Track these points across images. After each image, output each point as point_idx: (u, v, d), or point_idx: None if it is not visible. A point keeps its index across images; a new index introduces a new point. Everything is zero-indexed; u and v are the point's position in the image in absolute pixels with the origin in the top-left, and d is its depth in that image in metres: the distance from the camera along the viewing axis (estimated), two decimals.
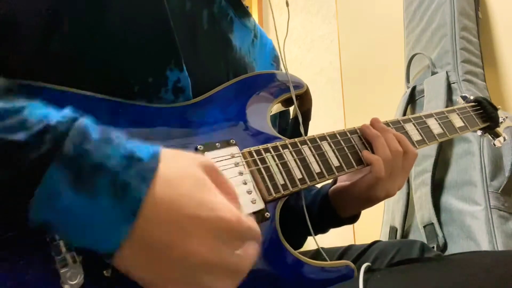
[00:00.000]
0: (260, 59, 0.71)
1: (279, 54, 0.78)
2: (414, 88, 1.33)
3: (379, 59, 1.65)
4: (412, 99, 1.33)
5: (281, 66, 0.78)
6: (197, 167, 0.35)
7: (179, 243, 0.31)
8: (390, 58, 1.58)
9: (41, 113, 0.31)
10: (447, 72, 1.19)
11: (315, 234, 0.66)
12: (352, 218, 0.65)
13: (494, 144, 0.83)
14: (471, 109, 0.79)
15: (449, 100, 1.16)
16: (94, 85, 0.44)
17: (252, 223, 0.35)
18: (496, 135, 0.83)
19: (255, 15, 2.39)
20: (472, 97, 0.83)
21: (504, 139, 0.83)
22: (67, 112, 0.32)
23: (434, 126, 0.69)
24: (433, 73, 1.24)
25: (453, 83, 1.18)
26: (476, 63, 1.20)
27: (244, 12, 0.67)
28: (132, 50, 0.47)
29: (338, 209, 0.64)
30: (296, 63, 2.12)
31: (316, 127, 0.76)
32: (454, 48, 1.20)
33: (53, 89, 0.41)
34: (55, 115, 0.31)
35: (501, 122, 0.82)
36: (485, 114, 0.80)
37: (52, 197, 0.29)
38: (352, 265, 0.49)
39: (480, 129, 0.81)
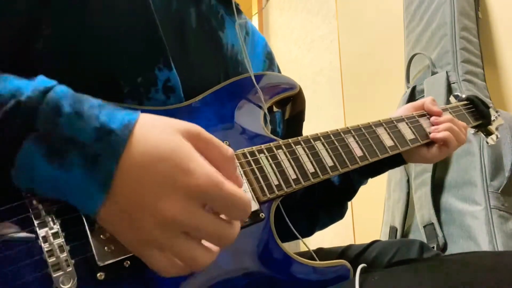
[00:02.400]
0: (253, 56, 0.71)
1: (271, 50, 0.78)
2: (414, 88, 1.33)
3: (379, 59, 1.65)
4: (412, 99, 1.33)
5: (275, 62, 0.78)
6: (177, 134, 0.34)
7: (151, 202, 0.32)
8: (390, 58, 1.58)
9: (13, 86, 0.32)
10: (447, 72, 1.19)
11: (372, 176, 0.71)
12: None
13: (487, 142, 0.84)
14: (463, 108, 0.79)
15: (449, 100, 1.16)
16: (83, 86, 0.43)
17: (238, 191, 0.34)
18: (489, 133, 0.83)
19: (255, 15, 2.39)
20: (464, 96, 0.83)
21: (497, 137, 0.83)
22: (39, 83, 0.33)
23: (426, 125, 0.70)
24: (433, 73, 1.24)
25: (453, 83, 1.18)
26: (476, 63, 1.20)
27: (235, 10, 0.66)
28: (118, 50, 0.47)
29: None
30: (296, 63, 2.12)
31: (316, 127, 0.76)
32: (454, 48, 1.20)
33: None
34: (27, 88, 0.32)
35: (493, 120, 0.82)
36: (477, 112, 0.80)
37: (29, 169, 0.31)
38: (347, 264, 0.49)
39: (473, 127, 0.81)
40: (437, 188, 1.13)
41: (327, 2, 1.98)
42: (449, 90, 1.17)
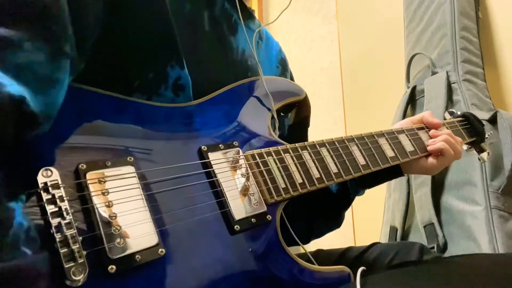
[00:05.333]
0: (266, 61, 0.72)
1: (285, 56, 0.79)
2: (414, 88, 1.33)
3: (379, 59, 1.65)
4: (412, 99, 1.33)
5: (288, 68, 0.79)
6: None
7: None
8: (390, 58, 1.58)
9: None
10: (447, 72, 1.19)
11: (369, 187, 0.70)
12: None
13: (479, 159, 0.86)
14: (458, 124, 0.81)
15: (449, 100, 1.16)
16: (95, 79, 0.45)
17: None
18: (482, 150, 0.85)
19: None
20: (459, 113, 0.86)
21: (488, 154, 0.85)
22: None
23: (425, 138, 0.72)
24: (433, 73, 1.24)
25: (453, 83, 1.18)
26: (476, 63, 1.20)
27: (248, 15, 0.67)
28: (135, 48, 0.48)
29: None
30: (296, 63, 2.12)
31: (316, 127, 0.76)
32: (454, 48, 1.20)
33: None
34: None
35: (487, 137, 0.84)
36: (472, 129, 0.82)
37: None
38: (348, 270, 0.50)
39: (467, 143, 0.83)
40: (437, 188, 1.13)
41: (327, 2, 1.98)
42: (449, 90, 1.17)
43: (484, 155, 0.85)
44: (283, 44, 0.81)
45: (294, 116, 0.72)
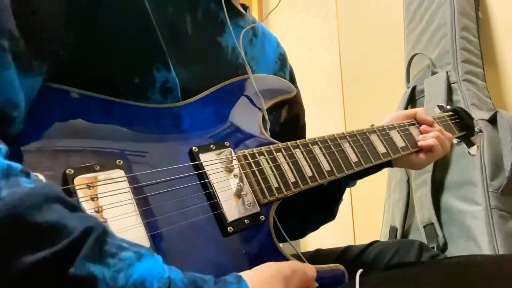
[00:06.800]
0: (262, 58, 0.71)
1: (284, 51, 0.78)
2: (414, 88, 1.33)
3: (379, 59, 1.65)
4: (412, 99, 1.33)
5: (288, 64, 0.78)
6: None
7: None
8: (390, 58, 1.58)
9: (138, 277, 0.30)
10: (447, 72, 1.19)
11: (360, 178, 0.71)
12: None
13: (469, 153, 0.87)
14: (449, 118, 0.82)
15: (449, 100, 1.16)
16: (81, 83, 0.44)
17: None
18: (471, 144, 0.86)
19: (255, 15, 2.39)
20: (449, 107, 0.86)
21: (478, 148, 0.86)
22: (160, 271, 0.31)
23: (416, 133, 0.72)
24: (433, 73, 1.24)
25: (453, 83, 1.18)
26: (476, 63, 1.20)
27: (236, 13, 0.66)
28: (118, 52, 0.47)
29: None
30: (296, 63, 2.12)
31: (316, 127, 0.76)
32: (454, 48, 1.20)
33: (46, 86, 0.41)
34: (152, 280, 0.30)
35: (477, 131, 0.85)
36: (462, 123, 0.83)
37: None
38: (342, 268, 0.50)
39: (457, 137, 0.83)
40: (437, 188, 1.13)
41: (327, 2, 1.98)
42: (449, 90, 1.17)
43: (474, 149, 0.86)
44: (283, 44, 0.81)
45: (286, 114, 0.71)
